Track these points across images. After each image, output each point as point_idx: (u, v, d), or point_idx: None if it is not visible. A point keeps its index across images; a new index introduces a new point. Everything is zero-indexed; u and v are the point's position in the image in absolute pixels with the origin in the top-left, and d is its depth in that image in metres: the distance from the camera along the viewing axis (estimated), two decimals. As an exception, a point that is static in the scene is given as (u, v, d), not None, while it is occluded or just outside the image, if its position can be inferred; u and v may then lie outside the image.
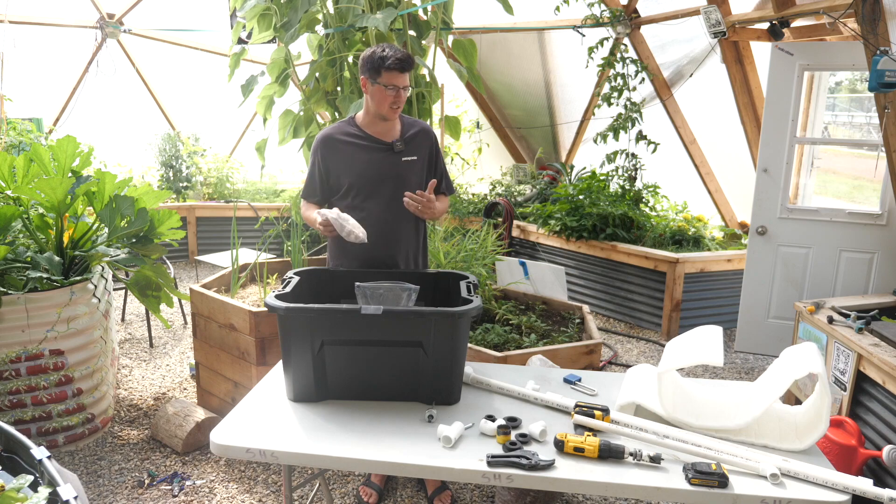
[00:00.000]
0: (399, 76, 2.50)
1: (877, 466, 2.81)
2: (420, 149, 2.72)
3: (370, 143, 2.66)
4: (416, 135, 2.72)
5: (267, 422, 2.06)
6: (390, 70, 2.47)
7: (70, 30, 6.74)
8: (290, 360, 2.16)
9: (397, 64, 2.47)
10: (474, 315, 2.14)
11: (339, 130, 2.69)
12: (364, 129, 2.67)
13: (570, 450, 1.89)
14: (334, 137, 2.68)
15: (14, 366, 3.10)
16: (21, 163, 3.31)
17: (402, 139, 2.68)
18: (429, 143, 2.75)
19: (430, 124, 2.84)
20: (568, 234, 5.64)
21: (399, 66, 2.47)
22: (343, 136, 2.67)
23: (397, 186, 2.66)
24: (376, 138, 2.66)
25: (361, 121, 2.69)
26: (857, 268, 4.39)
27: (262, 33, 4.01)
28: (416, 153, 2.70)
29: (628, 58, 5.59)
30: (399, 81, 2.50)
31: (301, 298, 2.32)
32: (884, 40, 3.12)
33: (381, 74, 2.49)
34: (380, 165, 2.65)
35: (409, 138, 2.70)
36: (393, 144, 2.66)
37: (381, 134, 2.67)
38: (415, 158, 2.69)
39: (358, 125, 2.69)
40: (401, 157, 2.67)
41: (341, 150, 2.66)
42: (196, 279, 6.38)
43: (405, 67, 2.49)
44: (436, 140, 2.79)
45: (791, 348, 2.18)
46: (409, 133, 2.71)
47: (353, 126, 2.69)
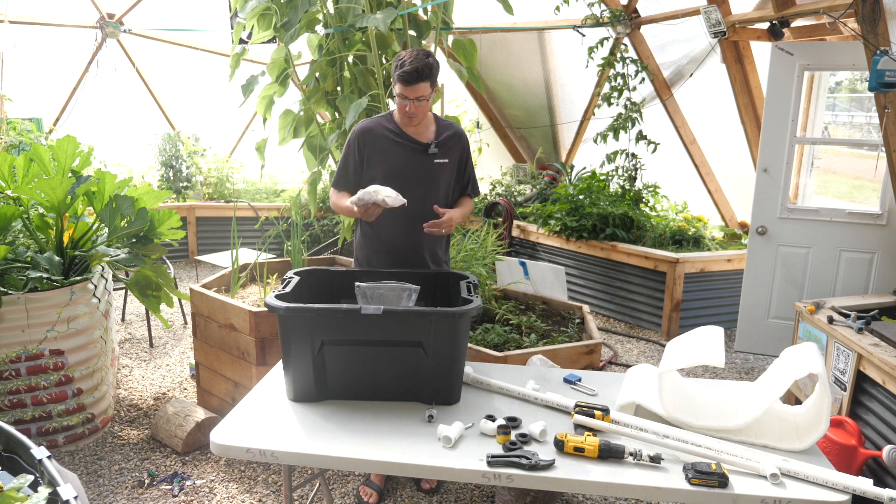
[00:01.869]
0: (406, 88, 2.50)
1: (877, 466, 2.81)
2: (452, 152, 2.75)
3: (407, 143, 2.69)
4: (450, 138, 2.75)
5: (267, 422, 2.06)
6: (398, 81, 2.51)
7: (70, 30, 6.74)
8: (290, 360, 2.16)
9: (402, 77, 2.48)
10: (474, 315, 2.15)
11: (379, 125, 2.71)
12: (400, 127, 2.70)
13: (570, 450, 1.89)
14: (374, 131, 2.70)
15: (14, 366, 3.10)
16: (21, 163, 3.31)
17: (437, 141, 2.71)
18: (460, 146, 2.79)
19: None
20: (568, 234, 5.64)
21: (403, 78, 2.48)
22: (382, 131, 2.70)
23: (427, 187, 2.71)
24: (413, 138, 2.69)
25: (397, 118, 2.71)
26: (857, 268, 4.39)
27: (262, 33, 4.01)
28: (448, 156, 2.74)
29: (628, 58, 5.59)
30: (408, 93, 2.51)
31: (301, 298, 2.32)
32: (884, 40, 3.12)
33: (395, 84, 2.53)
34: (413, 165, 2.69)
35: (442, 141, 2.72)
36: (428, 146, 2.69)
37: (417, 134, 2.70)
38: (447, 161, 2.73)
39: (395, 122, 2.71)
40: (433, 160, 2.70)
41: (379, 144, 2.69)
42: (196, 279, 6.38)
43: (409, 80, 2.48)
44: (467, 143, 2.84)
45: (791, 348, 2.18)
46: (443, 136, 2.73)
47: (391, 122, 2.72)
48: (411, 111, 2.57)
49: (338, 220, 6.42)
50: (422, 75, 2.48)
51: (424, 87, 2.51)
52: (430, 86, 2.54)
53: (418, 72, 2.47)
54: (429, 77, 2.51)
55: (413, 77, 2.47)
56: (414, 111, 2.57)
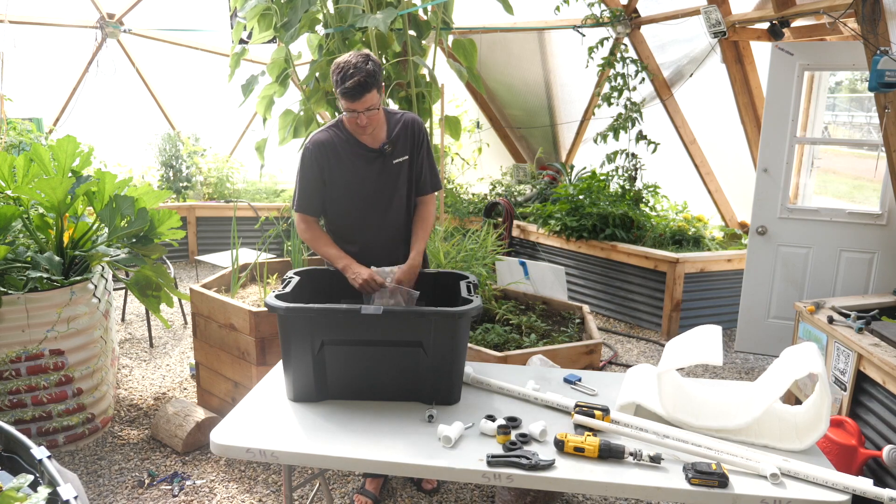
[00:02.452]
0: (352, 103, 2.31)
1: (877, 466, 2.81)
2: (407, 145, 2.57)
3: (362, 151, 2.51)
4: (400, 131, 2.55)
5: (267, 422, 2.06)
6: (343, 98, 2.31)
7: (70, 30, 6.74)
8: (290, 360, 2.16)
9: (346, 93, 2.29)
10: (474, 315, 2.15)
11: (331, 136, 2.52)
12: (353, 135, 2.51)
13: (571, 450, 1.89)
14: (330, 144, 2.50)
15: (14, 366, 3.10)
16: (21, 163, 3.31)
17: (390, 140, 2.53)
18: (411, 133, 2.57)
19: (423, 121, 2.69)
20: (568, 234, 5.64)
21: (349, 94, 2.29)
22: (336, 142, 2.50)
23: (390, 191, 2.57)
24: (365, 145, 2.51)
25: (348, 124, 2.49)
26: (857, 268, 4.39)
27: (262, 33, 4.01)
28: (404, 152, 2.57)
29: (628, 58, 5.59)
30: (356, 106, 2.32)
31: (301, 298, 2.32)
32: (884, 40, 3.12)
33: (340, 98, 2.33)
34: (373, 174, 2.53)
35: (395, 138, 2.54)
36: (382, 150, 2.52)
37: (369, 139, 2.51)
38: (405, 158, 2.57)
39: (346, 129, 2.52)
40: (391, 160, 2.54)
41: (332, 157, 2.50)
42: (196, 279, 6.38)
43: (355, 95, 2.29)
44: (419, 129, 2.60)
45: (791, 348, 2.18)
46: (394, 132, 2.55)
47: (342, 130, 2.52)
48: (364, 123, 2.38)
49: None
50: (366, 87, 2.29)
51: (371, 96, 2.32)
52: (376, 93, 2.34)
53: (361, 85, 2.28)
54: (374, 85, 2.31)
55: (357, 91, 2.28)
56: (367, 122, 2.39)
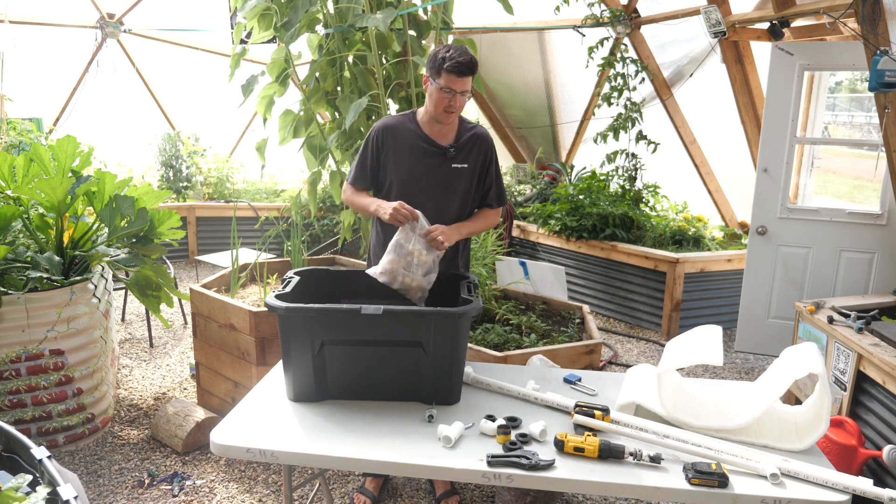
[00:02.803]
0: (456, 80, 2.41)
1: (877, 466, 2.81)
2: (471, 156, 2.62)
3: (425, 145, 2.58)
4: (470, 140, 2.62)
5: (267, 422, 2.06)
6: (449, 72, 2.39)
7: (70, 30, 6.74)
8: (290, 359, 2.16)
9: (455, 67, 2.38)
10: (475, 315, 2.15)
11: (400, 123, 2.62)
12: (422, 128, 2.60)
13: (571, 450, 1.89)
14: (395, 129, 2.61)
15: (14, 366, 3.10)
16: (21, 163, 3.31)
17: (456, 144, 2.60)
18: (482, 150, 2.65)
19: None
20: (568, 234, 5.64)
21: (457, 69, 2.38)
22: (403, 130, 2.60)
23: (443, 193, 2.60)
24: (432, 140, 2.59)
25: (421, 118, 2.61)
26: (857, 268, 4.39)
27: (262, 33, 4.01)
28: (466, 160, 2.61)
29: (628, 58, 5.59)
30: (456, 85, 2.42)
31: (301, 298, 2.32)
32: (884, 40, 3.12)
33: (441, 75, 2.41)
34: (428, 169, 2.59)
35: (462, 144, 2.60)
36: (447, 150, 2.58)
37: (438, 136, 2.59)
38: (465, 166, 2.61)
39: (417, 122, 2.62)
40: (451, 164, 2.59)
41: (398, 143, 2.60)
42: (196, 279, 6.38)
43: (463, 72, 2.40)
44: (490, 147, 2.68)
45: (791, 348, 2.18)
46: (463, 138, 2.61)
47: (412, 122, 2.62)
48: (454, 105, 2.46)
49: (338, 221, 6.42)
50: (473, 68, 2.41)
51: (469, 81, 2.44)
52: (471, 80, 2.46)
53: (472, 63, 2.40)
54: (476, 70, 2.45)
55: (466, 69, 2.40)
56: (457, 105, 2.47)
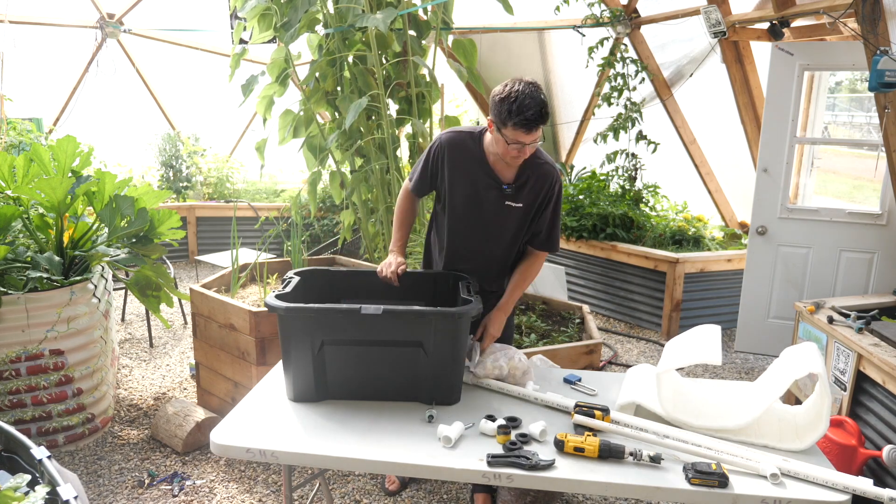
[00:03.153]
0: (527, 134, 2.19)
1: (877, 466, 2.81)
2: (528, 196, 2.43)
3: (485, 176, 2.42)
4: (530, 179, 2.41)
5: (267, 422, 2.06)
6: (517, 128, 2.18)
7: (70, 30, 6.74)
8: (290, 359, 2.16)
9: (524, 124, 2.16)
10: (475, 315, 2.14)
11: (466, 145, 2.44)
12: (486, 155, 2.41)
13: (571, 450, 1.89)
14: (461, 149, 2.44)
15: (14, 366, 3.10)
16: (21, 163, 3.31)
17: (515, 182, 2.41)
18: (541, 189, 2.43)
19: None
20: (568, 234, 5.64)
21: (526, 126, 2.16)
22: (467, 154, 2.43)
23: (491, 228, 2.48)
24: (493, 172, 2.41)
25: (487, 145, 2.41)
26: (857, 268, 4.39)
27: (262, 33, 4.02)
28: (522, 200, 2.42)
29: (628, 58, 5.59)
30: (525, 139, 2.20)
31: (301, 298, 2.32)
32: (884, 40, 3.12)
33: (507, 127, 2.19)
34: (483, 202, 2.44)
35: (521, 183, 2.42)
36: (504, 189, 2.41)
37: (502, 169, 2.41)
38: (520, 206, 2.43)
39: (483, 147, 2.42)
40: (504, 201, 2.42)
41: (459, 166, 2.44)
42: (196, 279, 6.38)
43: (532, 128, 2.18)
44: (554, 188, 2.45)
45: (791, 348, 2.18)
46: (523, 176, 2.41)
47: (478, 145, 2.43)
48: (523, 156, 2.28)
49: (338, 221, 6.42)
50: (544, 119, 2.19)
51: (541, 129, 2.23)
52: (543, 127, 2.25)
53: (542, 117, 2.18)
54: (548, 118, 2.22)
55: (537, 122, 2.17)
56: (527, 154, 2.28)
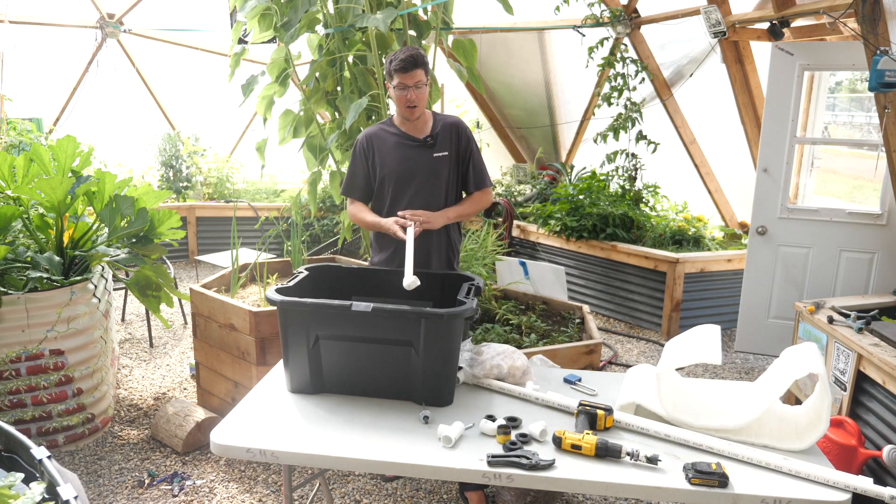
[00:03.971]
0: (405, 75, 2.57)
1: (877, 466, 2.81)
2: (450, 144, 2.78)
3: (404, 140, 2.76)
4: (445, 128, 2.78)
5: (267, 422, 2.06)
6: (397, 71, 2.58)
7: (70, 30, 6.74)
8: (289, 352, 2.19)
9: (399, 65, 2.57)
10: (469, 316, 2.13)
11: (379, 129, 2.82)
12: (399, 128, 2.78)
13: (568, 447, 1.89)
14: (376, 134, 2.80)
15: (14, 366, 3.10)
16: (21, 163, 3.31)
17: (433, 134, 2.76)
18: (457, 136, 2.80)
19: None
20: (568, 234, 5.64)
21: (401, 66, 2.56)
22: (383, 134, 2.80)
23: (429, 182, 2.75)
24: (409, 135, 2.77)
25: (396, 120, 2.81)
26: (857, 268, 4.39)
27: (262, 33, 4.01)
28: (446, 148, 2.77)
29: (628, 58, 5.59)
30: (406, 80, 2.58)
31: (307, 293, 2.34)
32: (884, 40, 3.12)
33: (393, 76, 2.60)
34: (412, 161, 2.75)
35: (438, 133, 2.77)
36: (424, 140, 2.75)
37: (414, 131, 2.77)
38: (446, 154, 2.77)
39: (395, 124, 2.81)
40: (432, 153, 2.75)
41: (380, 146, 2.78)
42: (196, 279, 6.38)
43: (407, 67, 2.56)
44: (466, 133, 2.83)
45: (791, 348, 2.18)
46: (437, 128, 2.78)
47: (390, 125, 2.82)
48: (412, 98, 2.61)
49: (338, 221, 6.42)
50: (417, 61, 2.57)
51: (420, 73, 2.59)
52: (425, 73, 2.61)
53: (413, 58, 2.57)
54: (423, 63, 2.60)
55: (409, 63, 2.56)
56: (415, 98, 2.62)
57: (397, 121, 2.81)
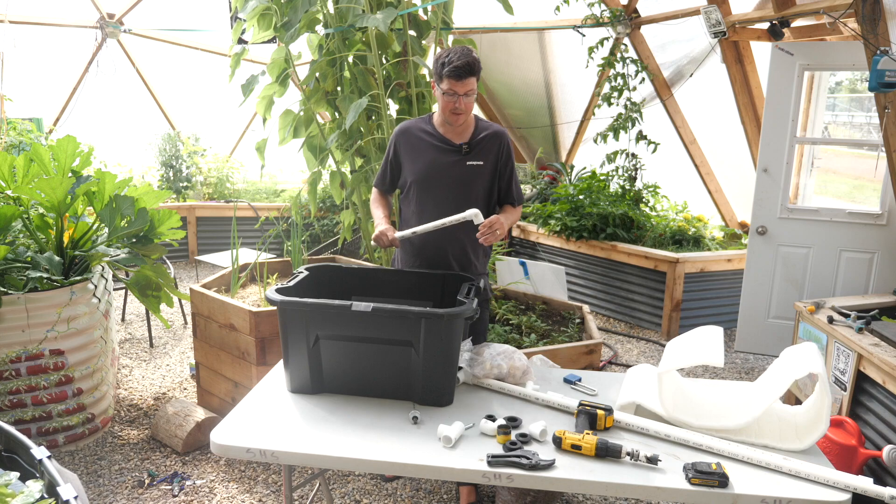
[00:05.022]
0: (457, 83, 2.45)
1: (877, 466, 2.81)
2: (488, 153, 2.64)
3: (439, 144, 2.64)
4: (486, 138, 2.65)
5: (267, 422, 2.06)
6: (449, 77, 2.45)
7: (70, 30, 6.74)
8: (289, 352, 2.19)
9: (454, 72, 2.43)
10: (469, 316, 2.13)
11: (416, 126, 2.70)
12: (437, 129, 2.66)
13: (568, 447, 1.89)
14: (410, 132, 2.69)
15: (14, 366, 3.10)
16: (21, 163, 3.31)
17: (471, 142, 2.63)
18: (498, 148, 2.67)
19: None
20: (568, 234, 5.64)
21: (455, 73, 2.43)
22: (417, 132, 2.68)
23: (459, 190, 2.63)
24: (446, 139, 2.64)
25: (436, 119, 2.68)
26: (857, 268, 4.39)
27: (262, 33, 4.01)
28: (482, 158, 2.63)
29: (628, 58, 5.59)
30: (458, 88, 2.46)
31: (308, 293, 2.34)
32: (884, 40, 3.12)
33: (443, 80, 2.48)
34: (441, 167, 2.63)
35: (477, 142, 2.64)
36: (460, 147, 2.62)
37: (452, 135, 2.64)
38: (481, 163, 2.63)
39: (433, 123, 2.68)
40: (465, 161, 2.62)
41: (413, 145, 2.67)
42: (196, 279, 6.38)
43: (462, 75, 2.44)
44: (507, 146, 2.70)
45: (791, 348, 2.18)
46: (479, 136, 2.64)
47: (428, 124, 2.69)
48: (460, 107, 2.50)
49: (338, 221, 6.42)
50: (473, 69, 2.45)
51: (472, 81, 2.48)
52: (475, 80, 2.50)
53: (470, 66, 2.44)
54: (478, 71, 2.49)
55: (465, 71, 2.43)
56: (463, 107, 2.51)
57: (437, 121, 2.66)
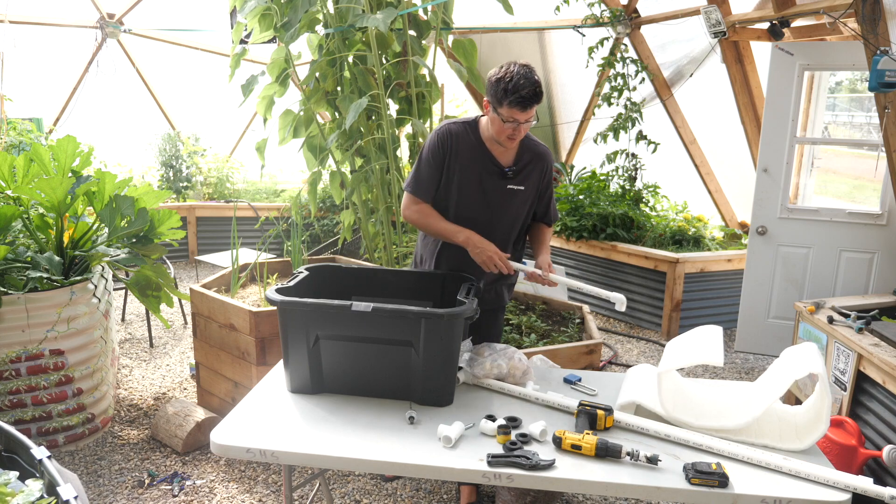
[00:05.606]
0: (521, 112, 2.29)
1: (877, 466, 2.81)
2: (529, 178, 2.54)
3: (485, 161, 2.49)
4: (530, 162, 2.53)
5: (267, 422, 2.06)
6: (512, 106, 2.28)
7: (70, 30, 6.74)
8: (289, 352, 2.19)
9: (519, 101, 2.26)
10: (468, 316, 2.14)
11: (465, 134, 2.50)
12: (485, 143, 2.49)
13: (568, 447, 1.89)
14: (461, 140, 2.49)
15: (14, 366, 3.10)
16: (21, 163, 3.31)
17: (515, 165, 2.51)
18: (541, 172, 2.57)
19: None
20: (568, 234, 5.64)
21: (521, 102, 2.26)
22: (468, 144, 2.49)
23: (496, 211, 2.54)
24: (493, 157, 2.49)
25: (483, 131, 2.50)
26: (857, 268, 4.39)
27: (262, 33, 4.01)
28: (524, 182, 2.53)
29: (628, 58, 5.59)
30: (520, 117, 2.30)
31: (308, 293, 2.34)
32: (884, 40, 3.12)
33: (503, 106, 2.29)
34: (485, 189, 2.51)
35: (521, 165, 2.52)
36: (506, 171, 2.49)
37: (499, 152, 2.50)
38: (522, 188, 2.53)
39: (480, 135, 2.50)
40: (507, 184, 2.51)
41: (462, 155, 2.49)
42: (196, 279, 6.38)
43: (527, 105, 2.27)
44: (549, 167, 2.60)
45: (791, 348, 2.18)
46: (523, 159, 2.52)
47: (475, 133, 2.51)
48: (517, 134, 2.36)
49: (338, 221, 6.42)
50: (539, 97, 2.29)
51: (535, 109, 2.33)
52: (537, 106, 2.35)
53: (537, 95, 2.28)
54: (542, 97, 2.32)
55: (531, 101, 2.27)
56: (521, 134, 2.37)
57: (485, 135, 2.48)
